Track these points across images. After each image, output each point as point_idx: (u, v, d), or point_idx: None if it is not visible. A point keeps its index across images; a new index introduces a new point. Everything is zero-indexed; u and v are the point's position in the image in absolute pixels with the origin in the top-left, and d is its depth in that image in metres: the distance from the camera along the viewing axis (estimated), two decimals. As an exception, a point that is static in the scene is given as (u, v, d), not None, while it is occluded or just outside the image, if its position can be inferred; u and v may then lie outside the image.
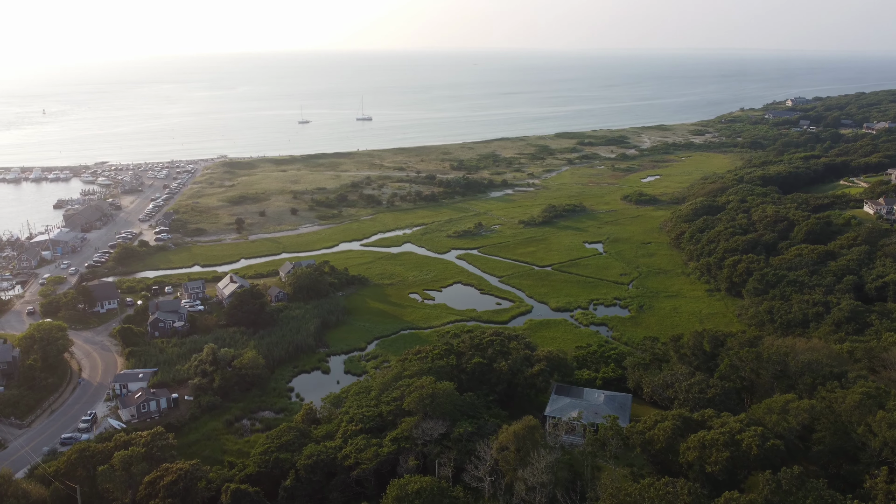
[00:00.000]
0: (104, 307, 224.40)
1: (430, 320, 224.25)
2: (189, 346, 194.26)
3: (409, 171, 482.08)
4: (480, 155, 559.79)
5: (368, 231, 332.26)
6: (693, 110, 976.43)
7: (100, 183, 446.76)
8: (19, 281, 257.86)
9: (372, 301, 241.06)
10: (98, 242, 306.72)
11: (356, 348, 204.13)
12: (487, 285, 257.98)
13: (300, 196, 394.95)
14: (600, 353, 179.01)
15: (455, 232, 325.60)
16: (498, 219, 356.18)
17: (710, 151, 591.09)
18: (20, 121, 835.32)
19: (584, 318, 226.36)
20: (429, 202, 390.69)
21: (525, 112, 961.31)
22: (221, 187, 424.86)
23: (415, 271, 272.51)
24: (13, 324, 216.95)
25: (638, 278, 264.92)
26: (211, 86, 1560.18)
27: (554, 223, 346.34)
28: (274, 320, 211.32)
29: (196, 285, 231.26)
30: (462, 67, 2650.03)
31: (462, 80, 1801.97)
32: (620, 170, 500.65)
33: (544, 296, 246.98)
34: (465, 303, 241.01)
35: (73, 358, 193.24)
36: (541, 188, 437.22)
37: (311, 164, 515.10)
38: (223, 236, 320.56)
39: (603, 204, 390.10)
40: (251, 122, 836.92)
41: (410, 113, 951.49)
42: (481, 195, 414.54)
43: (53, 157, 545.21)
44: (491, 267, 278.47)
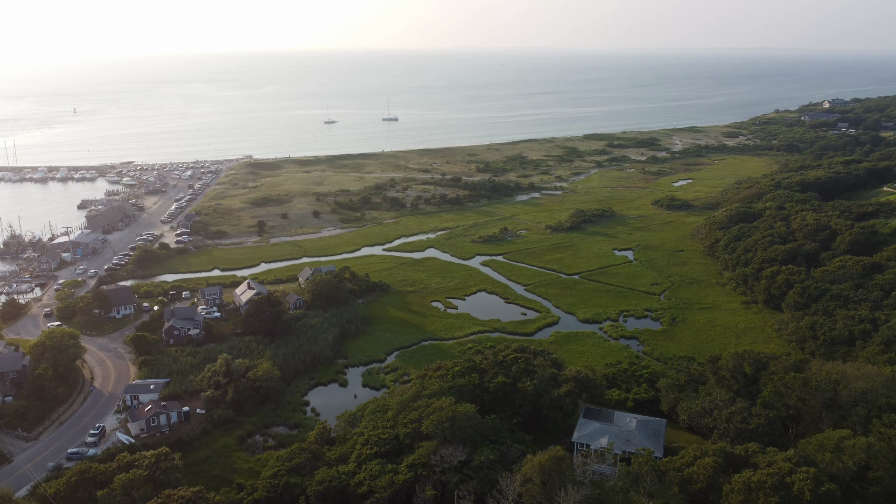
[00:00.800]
0: (120, 313, 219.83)
1: (453, 331, 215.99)
2: (203, 356, 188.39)
3: (434, 173, 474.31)
4: (507, 157, 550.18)
5: (391, 235, 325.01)
6: (726, 111, 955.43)
7: (125, 183, 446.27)
8: (38, 283, 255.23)
9: (393, 309, 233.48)
10: (119, 244, 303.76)
11: (375, 360, 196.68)
12: (513, 294, 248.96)
13: (323, 198, 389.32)
14: (631, 371, 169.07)
15: (480, 237, 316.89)
16: (524, 223, 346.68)
17: (744, 154, 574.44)
18: (52, 120, 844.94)
19: (614, 330, 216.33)
20: (453, 205, 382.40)
21: (553, 113, 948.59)
22: (245, 188, 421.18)
23: (438, 278, 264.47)
24: (29, 328, 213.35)
25: (670, 288, 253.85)
26: (238, 85, 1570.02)
27: (582, 229, 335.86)
28: (291, 329, 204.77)
29: (213, 291, 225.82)
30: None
31: (489, 81, 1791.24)
32: (651, 173, 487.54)
33: (572, 306, 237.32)
34: (490, 312, 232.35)
35: (86, 365, 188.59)
36: (568, 192, 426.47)
37: (335, 165, 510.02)
38: (244, 239, 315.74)
39: (633, 209, 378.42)
40: (277, 121, 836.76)
41: (437, 113, 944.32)
42: (507, 198, 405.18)
43: (81, 157, 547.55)
44: (516, 274, 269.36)
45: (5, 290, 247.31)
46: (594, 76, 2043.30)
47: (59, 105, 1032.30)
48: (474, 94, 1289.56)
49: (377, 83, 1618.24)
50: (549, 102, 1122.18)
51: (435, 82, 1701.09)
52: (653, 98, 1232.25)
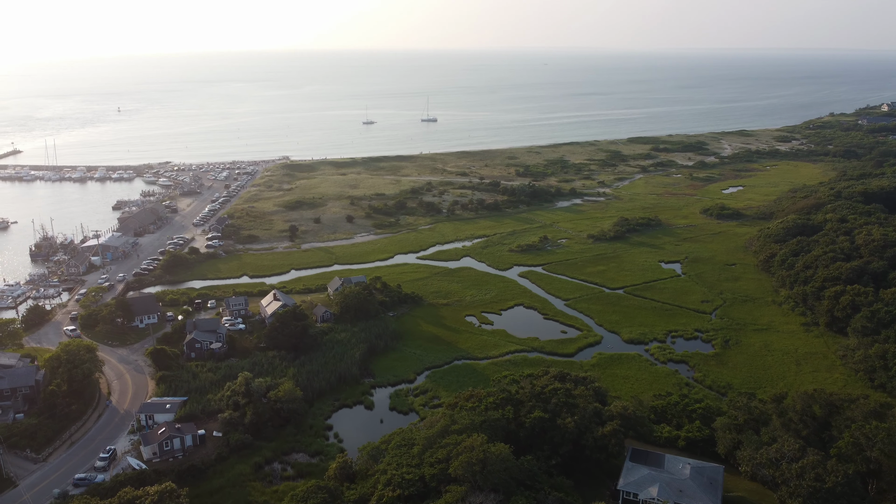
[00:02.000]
0: (143, 322, 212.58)
1: (488, 349, 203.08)
2: (224, 372, 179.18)
3: (473, 177, 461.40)
4: (548, 160, 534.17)
5: (426, 242, 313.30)
6: (777, 114, 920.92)
7: (161, 184, 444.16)
8: (66, 288, 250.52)
9: (425, 324, 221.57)
10: (149, 248, 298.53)
11: (404, 380, 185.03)
12: (552, 309, 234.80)
13: (357, 202, 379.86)
14: (683, 405, 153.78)
15: (518, 246, 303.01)
16: (565, 232, 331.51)
17: (797, 160, 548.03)
18: (97, 118, 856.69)
19: (661, 353, 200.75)
20: (491, 211, 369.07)
21: (595, 115, 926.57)
22: (279, 191, 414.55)
23: (473, 290, 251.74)
24: (51, 336, 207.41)
25: (722, 307, 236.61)
26: (279, 85, 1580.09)
27: (626, 238, 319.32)
28: (317, 344, 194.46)
29: (238, 302, 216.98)
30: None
31: (530, 81, 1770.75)
32: (699, 179, 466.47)
33: (615, 324, 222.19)
34: (527, 329, 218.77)
35: (104, 377, 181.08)
36: (612, 198, 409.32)
37: (371, 167, 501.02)
38: (275, 244, 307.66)
39: (680, 217, 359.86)
40: (316, 122, 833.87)
41: (477, 114, 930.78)
42: (548, 205, 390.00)
43: (121, 157, 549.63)
44: (556, 288, 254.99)
45: (32, 295, 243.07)
46: (638, 77, 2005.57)
47: (104, 104, 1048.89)
48: (515, 95, 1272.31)
49: (417, 83, 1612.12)
50: (592, 104, 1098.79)
51: (476, 83, 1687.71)
52: (700, 100, 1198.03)
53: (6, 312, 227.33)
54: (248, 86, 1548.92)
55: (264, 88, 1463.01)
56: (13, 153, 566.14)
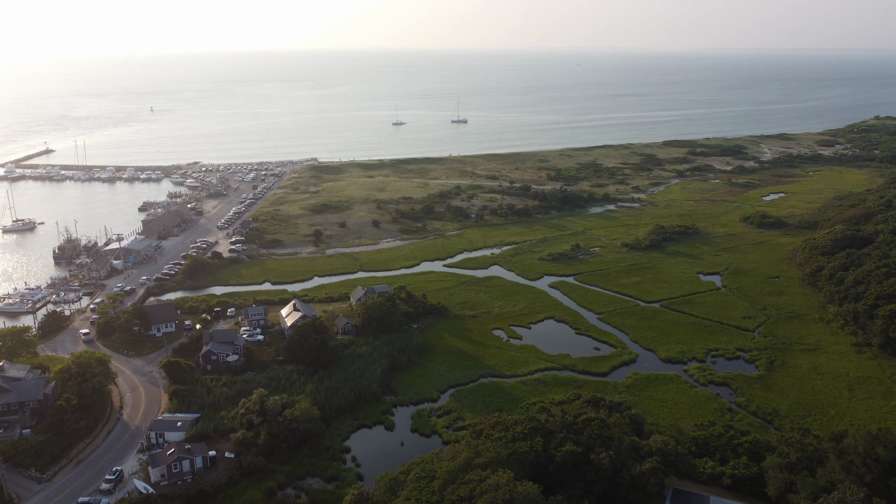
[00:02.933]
0: (160, 331, 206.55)
1: (516, 366, 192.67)
2: (239, 387, 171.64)
3: (503, 181, 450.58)
4: (580, 164, 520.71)
5: (453, 249, 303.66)
6: (819, 117, 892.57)
7: (188, 185, 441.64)
8: (86, 292, 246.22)
9: (450, 337, 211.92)
10: (173, 251, 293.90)
11: (427, 398, 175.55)
12: (584, 323, 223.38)
13: (384, 206, 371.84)
14: (727, 438, 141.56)
15: (549, 254, 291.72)
16: (598, 240, 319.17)
17: (841, 165, 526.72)
18: (130, 118, 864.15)
19: (701, 374, 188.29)
20: (521, 217, 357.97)
21: (630, 117, 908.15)
22: (305, 193, 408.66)
23: (501, 301, 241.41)
24: (66, 344, 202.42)
25: (766, 324, 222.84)
26: (312, 85, 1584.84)
27: (662, 247, 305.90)
28: (337, 358, 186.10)
29: (257, 312, 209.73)
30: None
31: (562, 82, 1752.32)
32: (738, 185, 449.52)
33: (651, 341, 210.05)
34: (558, 345, 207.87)
35: (117, 389, 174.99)
36: (647, 204, 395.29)
37: (399, 169, 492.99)
38: (299, 249, 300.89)
39: (719, 226, 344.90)
40: (346, 122, 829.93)
41: (508, 116, 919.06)
42: (580, 210, 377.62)
43: (151, 157, 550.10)
44: (589, 300, 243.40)
45: (52, 299, 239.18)
46: (674, 78, 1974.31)
47: (138, 103, 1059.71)
48: (548, 96, 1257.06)
49: (443, 84, 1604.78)
50: (627, 105, 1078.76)
51: (509, 83, 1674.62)
52: (738, 101, 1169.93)
53: (25, 317, 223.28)
54: (281, 86, 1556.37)
55: (297, 88, 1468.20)
56: (46, 152, 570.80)
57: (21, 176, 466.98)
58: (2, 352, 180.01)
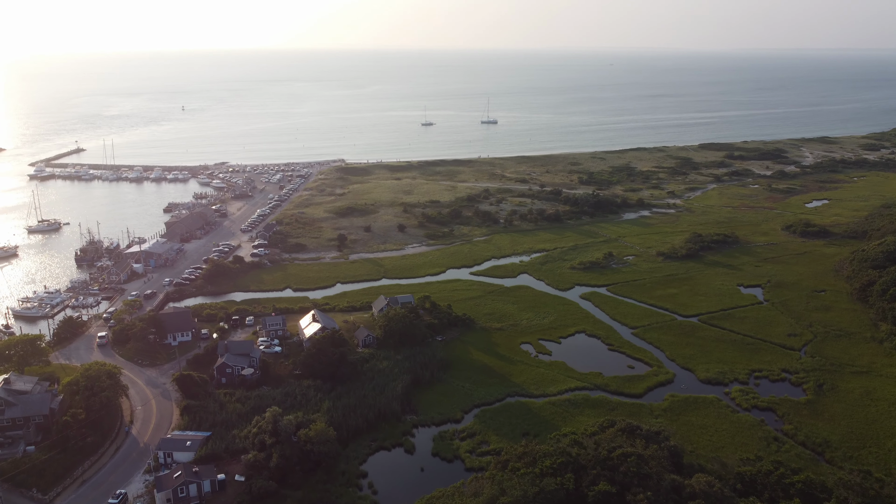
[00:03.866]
0: (176, 339, 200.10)
1: (544, 385, 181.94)
2: (253, 403, 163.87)
3: (532, 184, 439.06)
4: (613, 167, 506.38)
5: (480, 256, 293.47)
6: (862, 120, 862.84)
7: (214, 185, 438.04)
8: (105, 297, 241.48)
9: (476, 351, 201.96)
10: (194, 254, 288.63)
11: (450, 419, 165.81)
12: (617, 339, 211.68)
13: (411, 209, 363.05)
14: (777, 476, 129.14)
15: (580, 263, 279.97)
16: (632, 248, 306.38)
17: (888, 171, 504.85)
18: (161, 117, 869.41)
19: (743, 397, 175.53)
20: (552, 223, 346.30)
21: (664, 118, 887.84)
22: (331, 195, 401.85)
23: (530, 313, 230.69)
24: (81, 352, 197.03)
25: (812, 342, 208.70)
26: (343, 84, 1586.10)
27: (700, 257, 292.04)
28: (356, 373, 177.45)
29: (275, 322, 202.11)
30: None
31: (596, 82, 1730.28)
32: (778, 191, 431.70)
33: (690, 359, 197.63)
34: (590, 362, 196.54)
35: (128, 401, 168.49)
36: (683, 210, 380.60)
37: (427, 171, 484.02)
38: (323, 254, 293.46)
39: (759, 234, 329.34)
40: (375, 123, 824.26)
41: (539, 116, 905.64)
42: (613, 216, 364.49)
43: (179, 156, 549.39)
44: (622, 313, 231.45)
45: (71, 303, 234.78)
46: (710, 78, 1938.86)
47: (170, 102, 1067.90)
48: (580, 97, 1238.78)
49: (474, 84, 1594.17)
50: (661, 107, 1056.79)
51: (542, 83, 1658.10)
52: (776, 103, 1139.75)
53: (43, 322, 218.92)
54: (311, 85, 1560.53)
55: (327, 88, 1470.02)
56: (76, 151, 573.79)
57: (50, 175, 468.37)
58: (13, 361, 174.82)
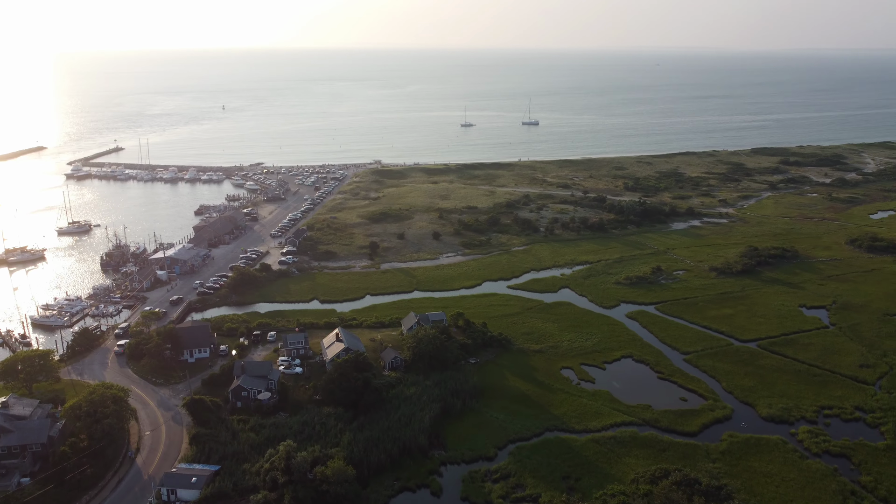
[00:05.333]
0: (193, 356, 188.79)
1: (587, 418, 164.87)
2: (268, 433, 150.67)
3: (575, 190, 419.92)
4: (660, 172, 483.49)
5: (519, 268, 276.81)
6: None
7: (248, 187, 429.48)
8: (126, 305, 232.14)
9: (512, 376, 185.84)
10: (221, 261, 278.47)
11: (482, 456, 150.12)
12: (668, 365, 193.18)
13: (447, 215, 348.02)
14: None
15: (626, 278, 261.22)
16: (682, 261, 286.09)
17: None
18: (202, 116, 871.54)
19: (812, 440, 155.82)
20: (595, 232, 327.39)
21: (713, 121, 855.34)
22: (365, 199, 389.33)
23: (571, 333, 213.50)
24: (95, 367, 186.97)
25: (889, 375, 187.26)
26: (383, 84, 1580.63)
27: (756, 273, 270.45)
28: (380, 401, 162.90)
29: (297, 339, 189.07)
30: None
31: (642, 83, 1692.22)
32: (840, 200, 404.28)
33: (749, 392, 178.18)
34: (637, 392, 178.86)
35: (138, 424, 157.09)
36: (736, 220, 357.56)
37: (465, 175, 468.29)
38: (353, 262, 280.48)
39: (821, 248, 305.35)
40: (414, 123, 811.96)
41: (582, 118, 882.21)
42: (661, 226, 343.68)
43: (216, 156, 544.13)
44: (673, 335, 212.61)
45: (91, 312, 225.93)
46: (762, 79, 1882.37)
47: (212, 101, 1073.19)
48: (625, 98, 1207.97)
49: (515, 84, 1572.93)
50: (709, 108, 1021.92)
51: (585, 83, 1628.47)
52: (835, 105, 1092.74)
53: (60, 332, 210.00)
54: (353, 85, 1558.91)
55: (368, 87, 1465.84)
56: (115, 150, 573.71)
57: (87, 175, 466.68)
58: (20, 378, 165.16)
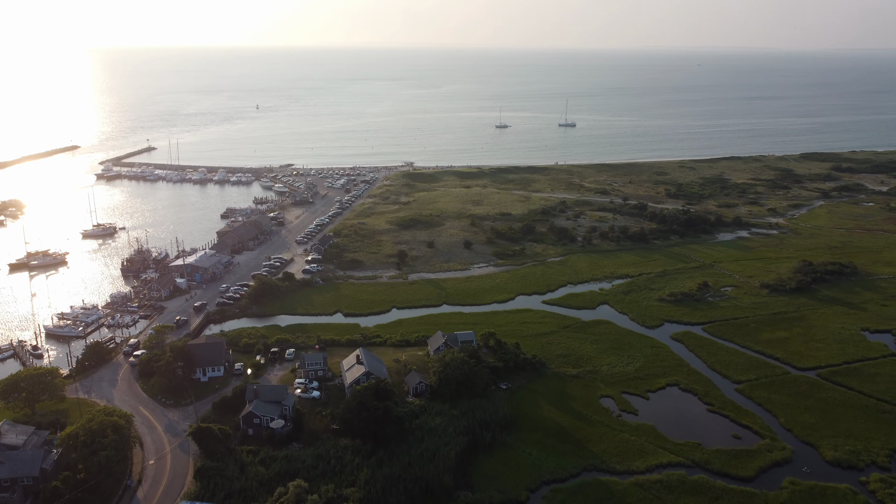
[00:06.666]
0: (206, 374, 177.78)
1: (630, 457, 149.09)
2: (280, 467, 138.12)
3: (614, 196, 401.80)
4: (704, 178, 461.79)
5: (554, 281, 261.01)
6: None
7: (276, 190, 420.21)
8: (143, 315, 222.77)
9: (546, 405, 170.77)
10: (244, 268, 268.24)
11: (512, 499, 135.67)
12: (717, 396, 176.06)
13: (479, 223, 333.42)
14: None
15: (671, 294, 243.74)
16: (730, 276, 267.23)
17: None
18: (236, 115, 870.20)
19: (886, 490, 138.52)
20: (636, 243, 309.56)
21: (759, 123, 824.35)
22: (395, 204, 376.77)
23: (612, 356, 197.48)
24: (104, 385, 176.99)
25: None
26: (419, 84, 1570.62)
27: (812, 291, 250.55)
28: (402, 432, 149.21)
29: (316, 360, 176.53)
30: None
31: (683, 84, 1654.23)
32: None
33: (811, 430, 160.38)
34: (685, 426, 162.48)
35: (142, 451, 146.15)
36: (787, 231, 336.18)
37: (498, 179, 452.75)
38: (380, 272, 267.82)
39: (881, 263, 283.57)
40: (448, 124, 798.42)
41: (621, 120, 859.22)
42: (706, 237, 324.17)
43: (246, 157, 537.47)
44: (722, 361, 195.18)
45: (107, 322, 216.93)
46: (808, 80, 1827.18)
47: (247, 100, 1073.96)
48: (666, 100, 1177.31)
49: (552, 85, 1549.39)
50: (754, 110, 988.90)
51: (624, 84, 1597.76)
52: (887, 108, 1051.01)
53: (75, 343, 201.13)
54: (388, 84, 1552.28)
55: (404, 87, 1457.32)
56: (147, 150, 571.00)
57: (117, 175, 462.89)
58: (21, 398, 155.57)
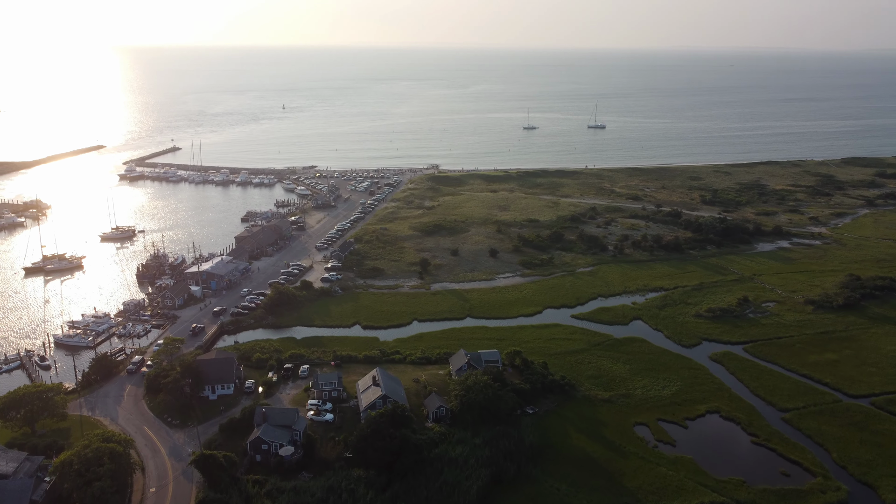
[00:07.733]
0: (216, 392, 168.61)
1: (668, 496, 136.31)
2: (287, 500, 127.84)
3: (646, 202, 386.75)
4: (740, 184, 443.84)
5: (584, 293, 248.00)
6: None
7: (298, 192, 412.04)
8: (156, 324, 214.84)
9: (576, 433, 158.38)
10: (262, 276, 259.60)
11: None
12: (763, 426, 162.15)
13: (505, 229, 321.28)
14: None
15: (708, 310, 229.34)
16: (772, 290, 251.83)
17: None
18: (262, 115, 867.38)
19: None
20: (670, 253, 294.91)
21: (798, 126, 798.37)
22: (419, 209, 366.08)
23: (646, 378, 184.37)
24: (108, 402, 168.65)
25: None
26: (446, 84, 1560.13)
27: (861, 308, 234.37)
28: (420, 462, 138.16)
29: (330, 380, 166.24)
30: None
31: (716, 85, 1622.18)
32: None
33: (867, 468, 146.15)
34: (727, 460, 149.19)
35: (144, 477, 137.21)
36: (830, 242, 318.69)
37: (526, 183, 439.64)
38: (402, 281, 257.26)
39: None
40: (476, 124, 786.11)
41: (652, 122, 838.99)
42: (744, 247, 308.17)
43: (271, 158, 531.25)
44: (767, 386, 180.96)
45: (118, 332, 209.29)
46: (849, 81, 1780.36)
47: (275, 100, 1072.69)
48: (699, 101, 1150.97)
49: (580, 85, 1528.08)
50: (792, 112, 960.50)
51: (655, 84, 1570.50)
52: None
53: (85, 353, 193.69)
54: (415, 84, 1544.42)
55: (431, 87, 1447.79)
56: (172, 150, 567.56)
57: (140, 175, 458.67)
58: (20, 417, 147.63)
